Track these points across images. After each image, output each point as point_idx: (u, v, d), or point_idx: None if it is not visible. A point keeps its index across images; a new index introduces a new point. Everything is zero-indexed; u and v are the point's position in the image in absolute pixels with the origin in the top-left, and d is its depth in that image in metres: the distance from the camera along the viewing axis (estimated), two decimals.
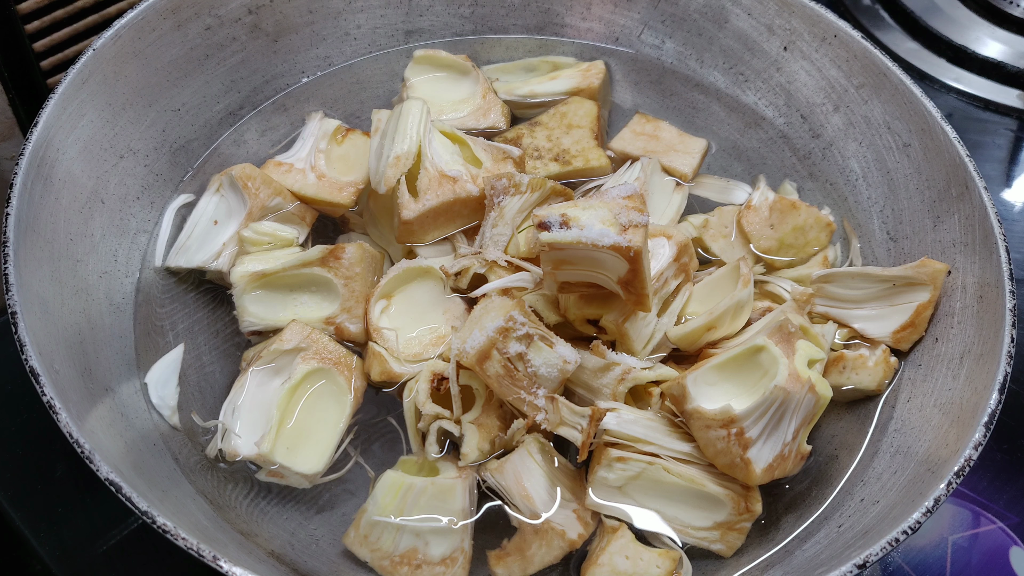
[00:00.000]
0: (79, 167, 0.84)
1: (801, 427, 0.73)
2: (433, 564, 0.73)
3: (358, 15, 1.04)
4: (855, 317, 0.86)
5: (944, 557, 0.90)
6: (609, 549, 0.73)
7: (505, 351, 0.73)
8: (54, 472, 0.88)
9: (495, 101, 0.99)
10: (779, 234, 0.91)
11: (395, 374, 0.80)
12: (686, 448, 0.75)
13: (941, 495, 0.68)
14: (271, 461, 0.76)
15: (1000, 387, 0.72)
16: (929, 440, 0.76)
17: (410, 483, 0.74)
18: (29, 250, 0.76)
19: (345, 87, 1.04)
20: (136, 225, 0.90)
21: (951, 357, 0.80)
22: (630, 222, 0.71)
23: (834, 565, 0.65)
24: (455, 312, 0.84)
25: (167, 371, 0.84)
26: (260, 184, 0.88)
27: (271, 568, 0.73)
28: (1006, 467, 0.95)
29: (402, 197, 0.83)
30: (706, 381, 0.75)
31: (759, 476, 0.72)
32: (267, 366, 0.81)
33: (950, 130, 0.86)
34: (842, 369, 0.83)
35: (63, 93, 0.82)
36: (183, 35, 0.93)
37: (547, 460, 0.77)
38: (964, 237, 0.83)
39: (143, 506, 0.64)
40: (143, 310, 0.87)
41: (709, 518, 0.75)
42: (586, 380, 0.78)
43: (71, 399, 0.70)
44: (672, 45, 1.06)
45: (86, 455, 0.65)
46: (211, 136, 0.98)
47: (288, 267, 0.83)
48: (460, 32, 1.08)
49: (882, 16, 1.33)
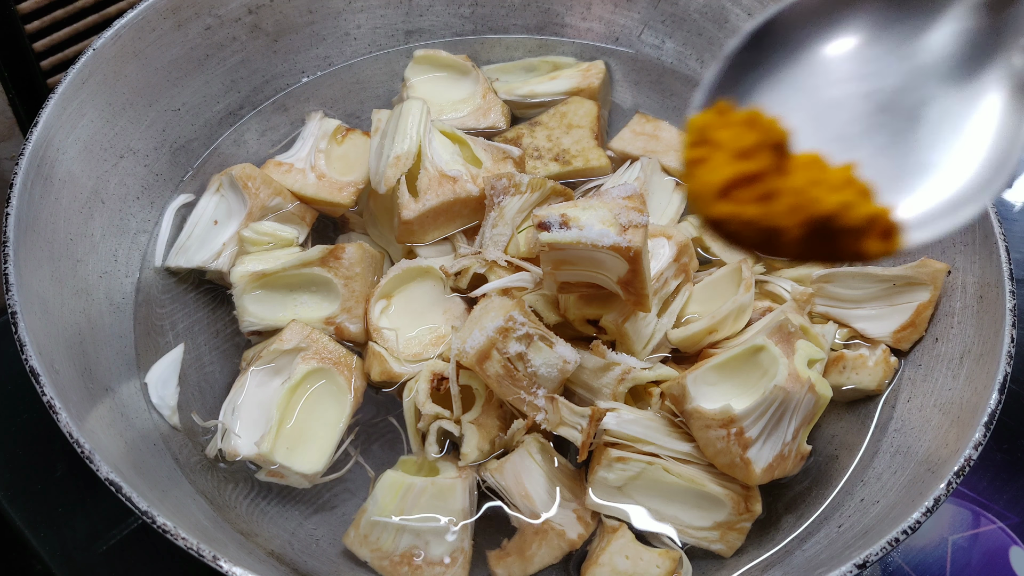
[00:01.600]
0: (79, 167, 0.84)
1: (801, 427, 0.73)
2: (433, 564, 0.73)
3: (358, 15, 1.04)
4: (855, 317, 0.86)
5: (944, 557, 0.90)
6: (609, 549, 0.73)
7: (505, 351, 0.73)
8: (54, 472, 0.88)
9: (495, 101, 0.99)
10: None
11: (395, 374, 0.80)
12: (686, 448, 0.75)
13: (941, 495, 0.67)
14: (271, 461, 0.76)
15: (1000, 387, 0.72)
16: (929, 440, 0.76)
17: (410, 483, 0.74)
18: (29, 250, 0.76)
19: (345, 87, 1.04)
20: (136, 225, 0.90)
21: (951, 357, 0.80)
22: (630, 222, 0.71)
23: (834, 565, 0.65)
24: (455, 312, 0.84)
25: (167, 371, 0.84)
26: (260, 184, 0.88)
27: (271, 568, 0.73)
28: (1006, 467, 0.95)
29: (402, 197, 0.83)
30: (706, 381, 0.75)
31: (759, 476, 0.72)
32: (267, 366, 0.81)
33: None
34: (842, 369, 0.83)
35: (63, 93, 0.82)
36: (183, 35, 0.93)
37: (547, 460, 0.77)
38: (964, 237, 0.83)
39: (143, 506, 0.64)
40: (143, 310, 0.87)
41: (709, 518, 0.75)
42: (586, 380, 0.78)
43: (71, 399, 0.70)
44: (672, 45, 1.06)
45: (86, 455, 0.65)
46: (211, 136, 0.98)
47: (288, 267, 0.83)
48: (460, 32, 1.08)
49: None
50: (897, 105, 0.46)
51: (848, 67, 0.46)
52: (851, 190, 0.42)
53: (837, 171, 0.43)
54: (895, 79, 0.46)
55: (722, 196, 0.41)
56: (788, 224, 0.41)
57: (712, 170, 0.41)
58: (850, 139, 0.45)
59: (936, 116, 0.45)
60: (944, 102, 0.46)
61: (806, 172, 0.42)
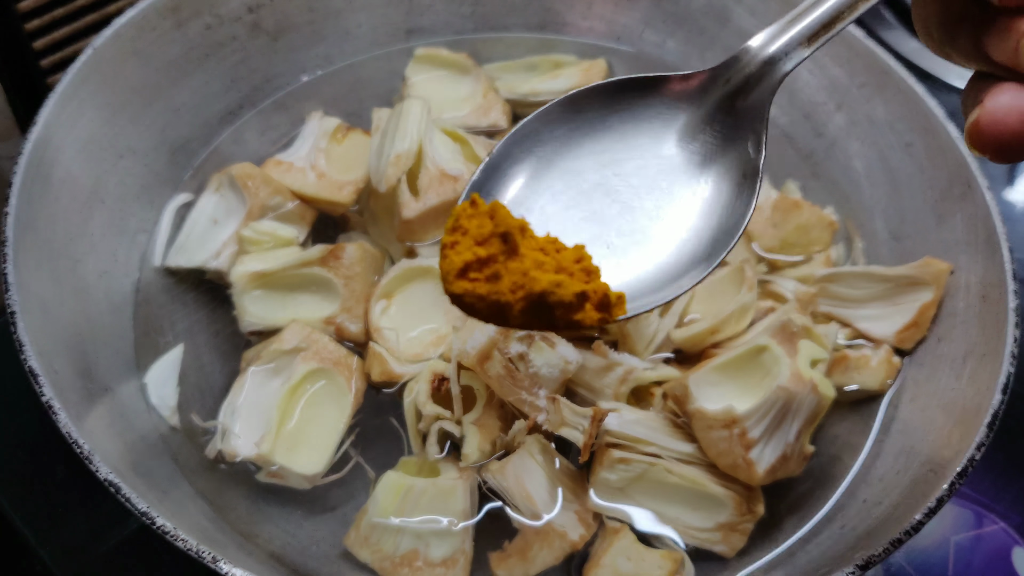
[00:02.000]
0: (78, 166, 0.84)
1: (804, 427, 0.73)
2: (434, 566, 0.73)
3: (358, 13, 1.03)
4: (858, 317, 0.85)
5: (946, 558, 0.90)
6: (611, 550, 0.72)
7: (506, 351, 0.73)
8: (54, 473, 0.88)
9: (496, 100, 0.99)
10: (782, 233, 0.90)
11: (395, 374, 0.80)
12: (688, 449, 0.75)
13: (944, 496, 0.67)
14: (271, 462, 0.76)
15: (1003, 387, 0.72)
16: (932, 440, 0.76)
17: (411, 484, 0.74)
18: (28, 250, 0.75)
19: (345, 86, 1.04)
20: (135, 225, 0.90)
21: (954, 357, 0.80)
22: None
23: (837, 566, 0.65)
24: (456, 312, 0.83)
25: (167, 371, 0.84)
26: (260, 183, 0.88)
27: (271, 569, 0.73)
28: (1009, 468, 0.95)
29: (403, 196, 0.83)
30: (708, 381, 0.74)
31: (761, 477, 0.72)
32: (267, 366, 0.80)
33: (953, 129, 0.86)
34: (845, 369, 0.83)
35: (62, 92, 0.82)
36: (183, 34, 0.93)
37: (548, 461, 0.76)
38: (967, 237, 0.83)
39: (143, 507, 0.64)
40: (143, 310, 0.87)
41: (711, 519, 0.75)
42: (588, 380, 0.77)
43: (70, 399, 0.70)
44: (674, 44, 1.05)
45: (85, 456, 0.65)
46: (211, 135, 0.98)
47: (288, 267, 0.83)
48: (461, 31, 1.08)
49: (884, 15, 1.33)
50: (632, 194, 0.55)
51: (588, 163, 0.55)
52: (575, 270, 0.50)
53: (569, 252, 0.50)
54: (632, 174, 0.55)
55: (461, 276, 0.49)
56: (511, 300, 0.49)
57: (457, 254, 0.49)
58: (585, 225, 0.54)
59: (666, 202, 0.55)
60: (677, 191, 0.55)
61: (534, 256, 0.49)
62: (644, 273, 0.54)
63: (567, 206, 0.54)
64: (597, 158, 0.55)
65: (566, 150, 0.55)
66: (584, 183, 0.55)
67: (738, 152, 0.55)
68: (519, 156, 0.55)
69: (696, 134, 0.56)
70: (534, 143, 0.55)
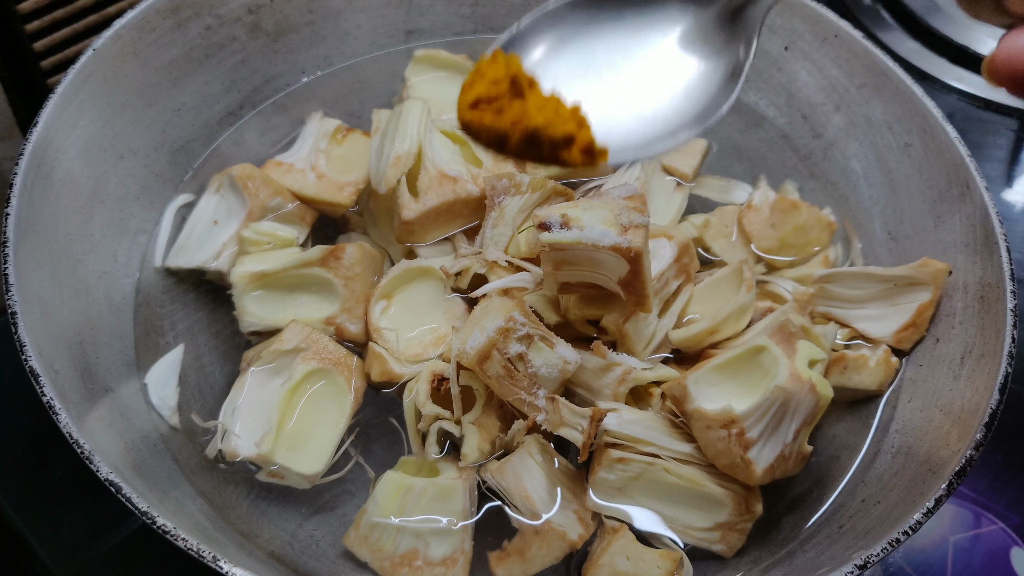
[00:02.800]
0: (79, 167, 0.84)
1: (802, 427, 0.73)
2: (433, 565, 0.73)
3: (358, 15, 1.03)
4: (856, 317, 0.85)
5: (945, 558, 0.90)
6: (610, 550, 0.72)
7: (505, 351, 0.73)
8: (54, 472, 0.88)
9: None
10: (780, 234, 0.91)
11: (395, 374, 0.80)
12: (687, 449, 0.75)
13: (942, 495, 0.67)
14: (271, 461, 0.76)
15: (1001, 387, 0.72)
16: (930, 440, 0.76)
17: (410, 484, 0.74)
18: (29, 250, 0.75)
19: (345, 87, 1.04)
20: (136, 225, 0.90)
21: (952, 357, 0.80)
22: (631, 223, 0.71)
23: (835, 565, 0.65)
24: (455, 312, 0.84)
25: (167, 371, 0.84)
26: (260, 184, 0.88)
27: (271, 569, 0.73)
28: (1007, 468, 0.95)
29: (402, 197, 0.83)
30: (707, 381, 0.75)
31: (760, 476, 0.72)
32: (267, 366, 0.80)
33: (951, 130, 0.86)
34: (843, 369, 0.83)
35: (63, 93, 0.82)
36: (183, 35, 0.93)
37: (547, 461, 0.76)
38: (965, 237, 0.83)
39: (143, 506, 0.64)
40: (143, 310, 0.87)
41: (710, 519, 0.75)
42: (587, 381, 0.78)
43: (71, 399, 0.70)
44: None
45: (86, 455, 0.65)
46: (211, 136, 0.98)
47: (288, 267, 0.83)
48: (461, 32, 1.08)
49: (883, 16, 1.33)
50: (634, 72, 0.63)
51: (602, 46, 0.63)
52: (568, 118, 0.60)
53: (567, 108, 0.60)
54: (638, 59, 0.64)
55: (472, 107, 0.59)
56: (510, 131, 0.59)
57: (473, 89, 0.60)
58: (587, 89, 0.62)
59: (661, 83, 0.63)
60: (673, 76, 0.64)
61: (536, 101, 0.60)
62: (632, 132, 0.62)
63: (574, 75, 0.62)
64: (609, 43, 0.63)
65: (585, 32, 0.63)
66: (595, 61, 0.63)
67: (732, 53, 0.63)
68: (542, 31, 0.63)
69: (699, 35, 0.63)
70: (559, 22, 0.63)
